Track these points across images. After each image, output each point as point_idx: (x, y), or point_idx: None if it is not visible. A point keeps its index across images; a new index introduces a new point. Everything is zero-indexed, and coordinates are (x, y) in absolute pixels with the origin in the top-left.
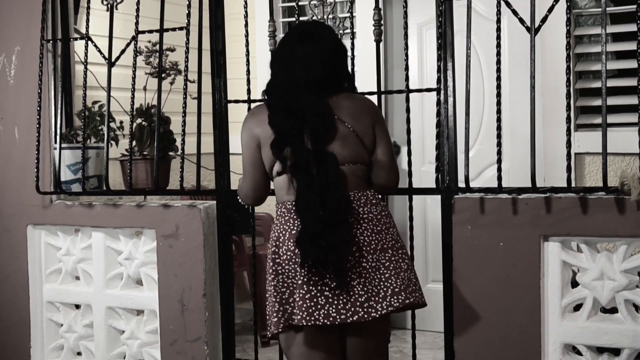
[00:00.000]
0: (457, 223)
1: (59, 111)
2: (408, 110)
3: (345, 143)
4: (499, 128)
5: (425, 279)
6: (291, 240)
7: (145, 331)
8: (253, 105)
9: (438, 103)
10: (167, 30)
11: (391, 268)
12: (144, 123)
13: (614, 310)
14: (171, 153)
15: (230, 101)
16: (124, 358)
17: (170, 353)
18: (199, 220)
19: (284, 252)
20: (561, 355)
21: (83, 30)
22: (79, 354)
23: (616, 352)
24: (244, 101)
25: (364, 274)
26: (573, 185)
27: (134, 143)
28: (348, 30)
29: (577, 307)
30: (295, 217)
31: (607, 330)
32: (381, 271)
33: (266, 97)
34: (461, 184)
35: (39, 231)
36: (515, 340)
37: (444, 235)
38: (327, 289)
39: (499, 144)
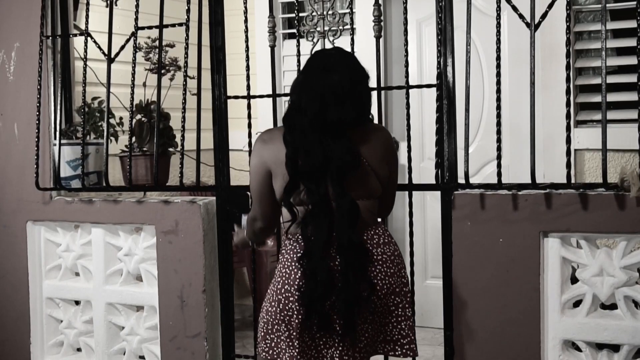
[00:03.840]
0: (456, 219)
1: (58, 107)
2: (408, 106)
3: (362, 178)
4: (498, 124)
5: (425, 275)
6: (304, 282)
7: (145, 327)
8: (252, 101)
9: (438, 99)
10: (166, 26)
11: (397, 314)
12: (143, 119)
13: (613, 307)
14: (171, 149)
15: (230, 97)
16: (124, 354)
17: (170, 349)
18: (198, 216)
19: (294, 292)
20: (560, 351)
21: (82, 27)
22: (78, 350)
23: (616, 348)
24: (243, 97)
25: (370, 319)
26: (573, 181)
27: (133, 139)
28: (348, 27)
29: (577, 303)
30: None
31: (607, 327)
32: (387, 316)
33: (286, 132)
34: (461, 180)
35: (39, 227)
36: (515, 336)
37: (443, 231)
38: (328, 332)
39: (498, 140)
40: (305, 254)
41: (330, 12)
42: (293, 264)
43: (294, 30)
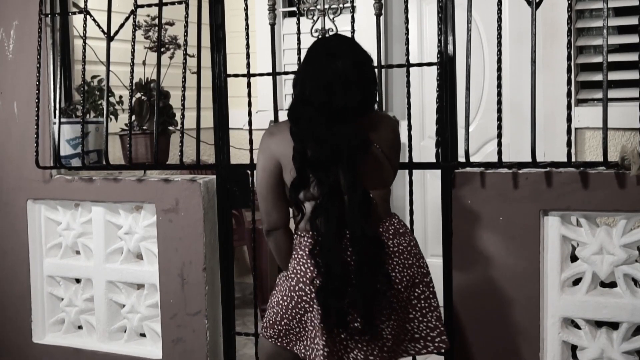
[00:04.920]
0: (457, 197)
1: (58, 86)
2: (408, 84)
3: (376, 167)
4: (499, 102)
5: (425, 253)
6: (319, 280)
7: (145, 305)
8: (252, 79)
9: (438, 77)
10: (166, 4)
11: (421, 307)
12: (143, 97)
13: (613, 285)
14: (171, 128)
15: (230, 75)
16: (125, 331)
17: (171, 326)
18: (198, 195)
19: (308, 290)
20: (560, 328)
21: (81, 4)
22: (79, 327)
23: (615, 325)
24: (243, 75)
25: (393, 315)
26: (573, 159)
27: (133, 118)
28: (348, 4)
29: (576, 282)
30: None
31: (606, 305)
32: (411, 311)
33: (292, 125)
34: (461, 158)
35: (39, 206)
36: (515, 314)
37: (443, 209)
38: (354, 332)
39: (499, 119)
40: (315, 247)
41: None
42: (308, 261)
43: (294, 8)
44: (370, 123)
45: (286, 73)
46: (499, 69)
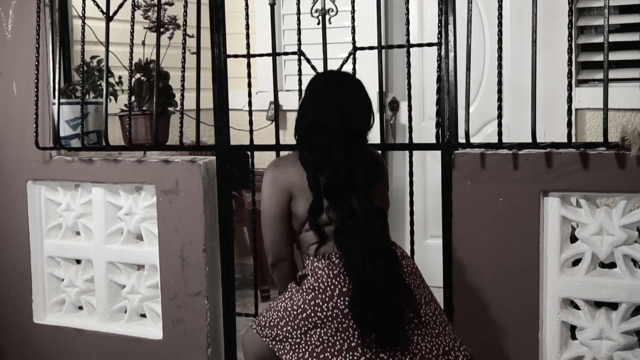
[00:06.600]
0: (457, 179)
1: (57, 66)
2: (409, 65)
3: (379, 191)
4: (499, 83)
5: (424, 235)
6: (341, 298)
7: (146, 286)
8: (252, 60)
9: (439, 58)
10: None
11: (439, 321)
12: (143, 78)
13: (612, 265)
14: (170, 108)
15: (230, 56)
16: (125, 312)
17: (171, 307)
18: (198, 176)
19: (331, 308)
20: (559, 309)
21: None
22: (80, 308)
23: (614, 306)
24: (243, 56)
25: (422, 328)
26: (573, 140)
27: (133, 98)
28: None
29: (576, 262)
30: (344, 272)
31: (606, 285)
32: (433, 326)
33: (305, 151)
34: (461, 139)
35: (39, 187)
36: (514, 295)
37: (443, 190)
38: (385, 348)
39: (499, 99)
40: (343, 266)
41: None
42: (328, 280)
43: None
44: (368, 151)
45: (286, 54)
46: (500, 50)
